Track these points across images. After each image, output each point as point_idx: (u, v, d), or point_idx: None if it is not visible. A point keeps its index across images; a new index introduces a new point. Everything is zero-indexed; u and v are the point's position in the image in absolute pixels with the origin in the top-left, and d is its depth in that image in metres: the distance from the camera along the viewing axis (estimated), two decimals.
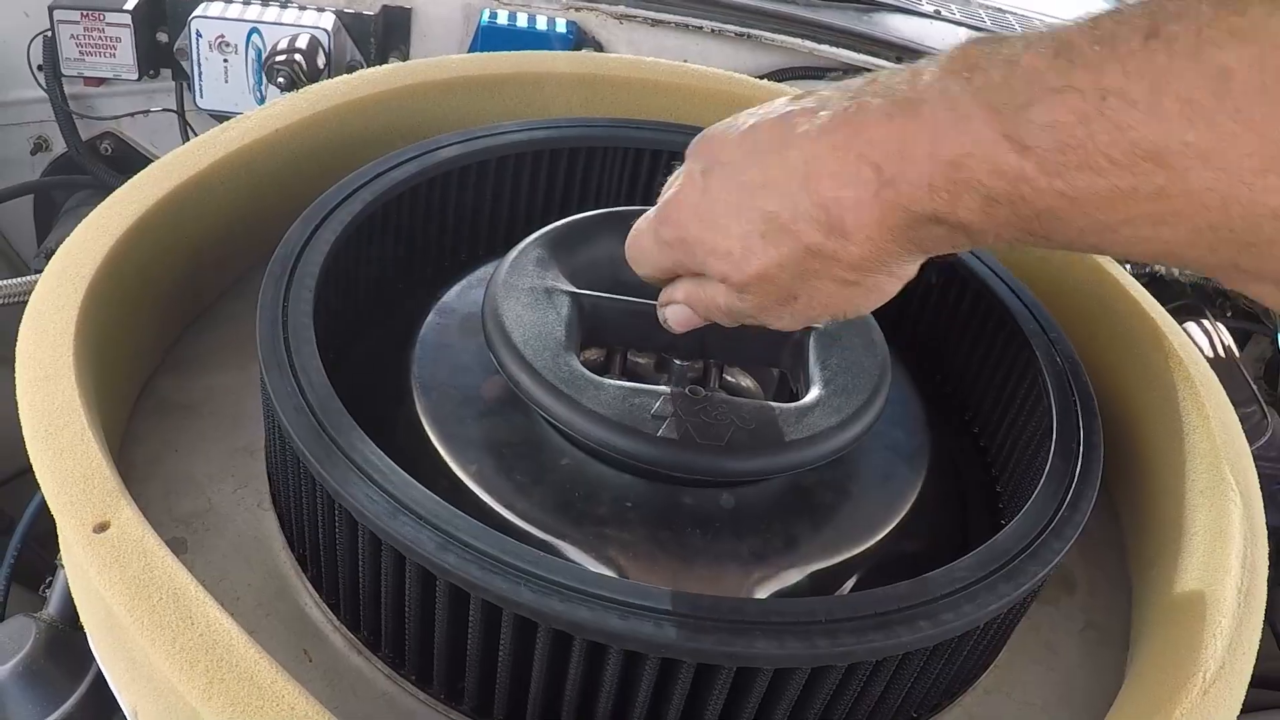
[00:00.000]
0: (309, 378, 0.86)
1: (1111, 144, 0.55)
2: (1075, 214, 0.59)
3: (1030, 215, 0.61)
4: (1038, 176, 0.59)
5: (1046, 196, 0.59)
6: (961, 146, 0.62)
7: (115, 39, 1.95)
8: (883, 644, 0.75)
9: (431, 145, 1.14)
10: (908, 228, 0.67)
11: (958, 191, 0.63)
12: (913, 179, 0.64)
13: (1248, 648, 0.89)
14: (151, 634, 0.73)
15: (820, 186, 0.69)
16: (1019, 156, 0.59)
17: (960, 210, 0.64)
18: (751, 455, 0.87)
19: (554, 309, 0.94)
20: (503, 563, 0.74)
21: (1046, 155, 0.58)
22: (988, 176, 0.61)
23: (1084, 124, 0.56)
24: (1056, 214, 0.60)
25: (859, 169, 0.67)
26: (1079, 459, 0.94)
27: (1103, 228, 0.59)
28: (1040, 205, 0.60)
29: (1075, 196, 0.58)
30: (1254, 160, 0.50)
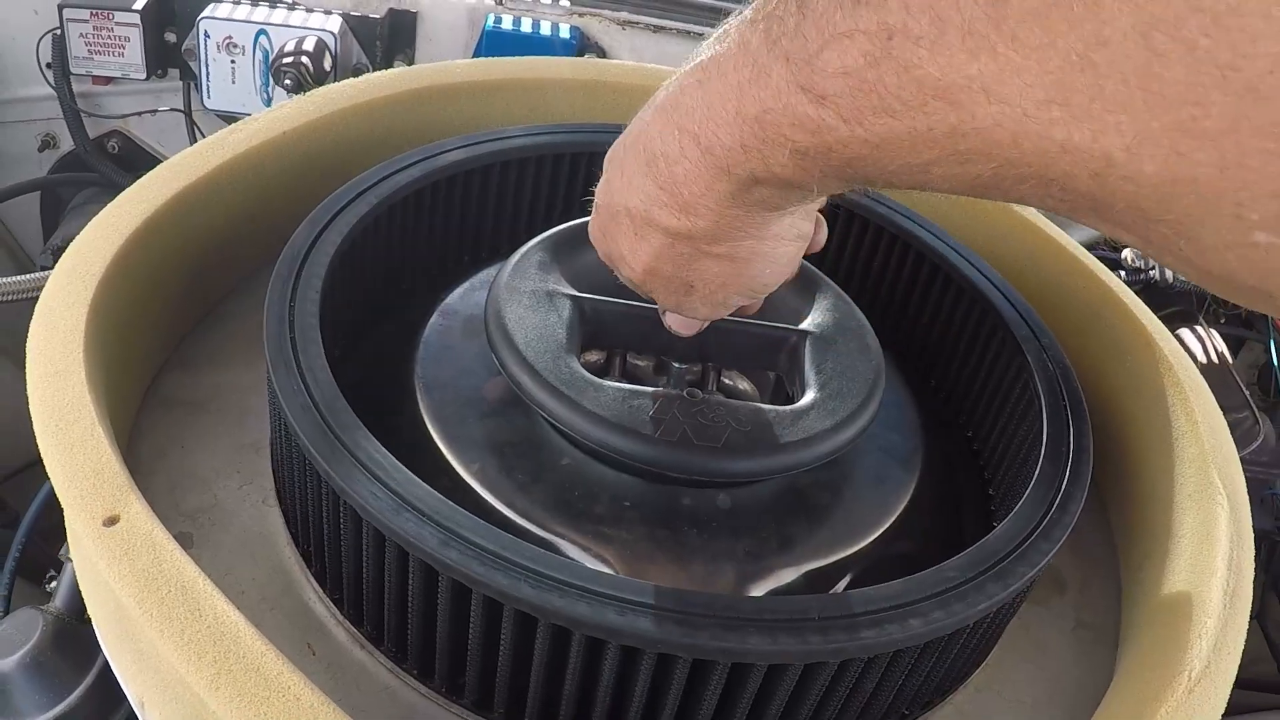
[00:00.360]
0: (315, 376, 0.87)
1: (901, 85, 0.53)
2: (883, 159, 0.57)
3: (841, 164, 0.60)
4: (839, 125, 0.57)
5: (851, 145, 0.57)
6: (762, 102, 0.61)
7: (124, 38, 1.96)
8: (874, 641, 0.76)
9: (436, 149, 1.16)
10: (738, 191, 0.67)
11: (767, 149, 0.62)
12: (725, 142, 0.64)
13: (1233, 648, 0.91)
14: (160, 626, 0.75)
15: (657, 168, 0.70)
16: (817, 107, 0.57)
17: (774, 167, 0.63)
18: (747, 457, 0.89)
19: (555, 312, 0.96)
20: (503, 559, 0.75)
21: (842, 103, 0.56)
22: (791, 130, 0.60)
23: (873, 67, 0.54)
24: (866, 161, 0.58)
25: (681, 142, 0.67)
26: (1068, 462, 0.96)
27: (914, 169, 0.57)
28: (848, 154, 0.58)
29: (878, 142, 0.56)
30: (1035, 91, 0.48)
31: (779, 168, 0.63)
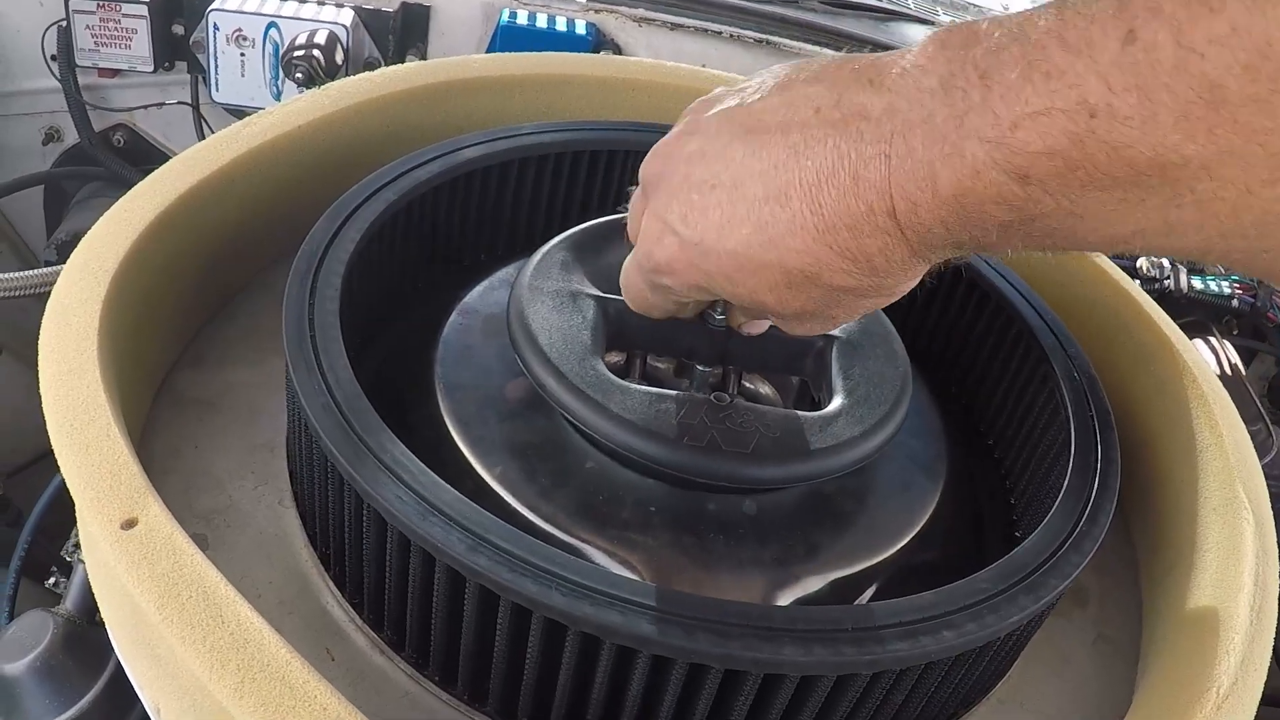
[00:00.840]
0: (336, 376, 0.86)
1: (1111, 164, 0.53)
2: (1087, 229, 0.58)
3: (1044, 232, 0.60)
4: (1044, 199, 0.57)
5: (1056, 217, 0.58)
6: (960, 183, 0.60)
7: (131, 30, 1.95)
8: (908, 653, 0.75)
9: (454, 145, 1.14)
10: (930, 250, 0.67)
11: (969, 222, 0.62)
12: (926, 221, 0.63)
13: (1259, 664, 0.90)
14: (182, 632, 0.73)
15: (838, 237, 0.67)
16: (1021, 186, 0.57)
17: (976, 233, 0.62)
18: (777, 463, 0.87)
19: (579, 312, 0.94)
20: (533, 565, 0.74)
21: (1048, 181, 0.56)
22: (994, 208, 0.59)
23: (1078, 146, 0.54)
24: (1070, 230, 0.59)
25: (872, 218, 0.65)
26: (1097, 474, 0.95)
27: (1116, 239, 0.58)
28: (1053, 223, 0.59)
29: (1083, 214, 0.57)
30: (1259, 170, 0.49)
31: (981, 233, 0.62)
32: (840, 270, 0.69)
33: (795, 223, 0.68)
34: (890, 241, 0.66)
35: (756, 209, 0.70)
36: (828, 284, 0.70)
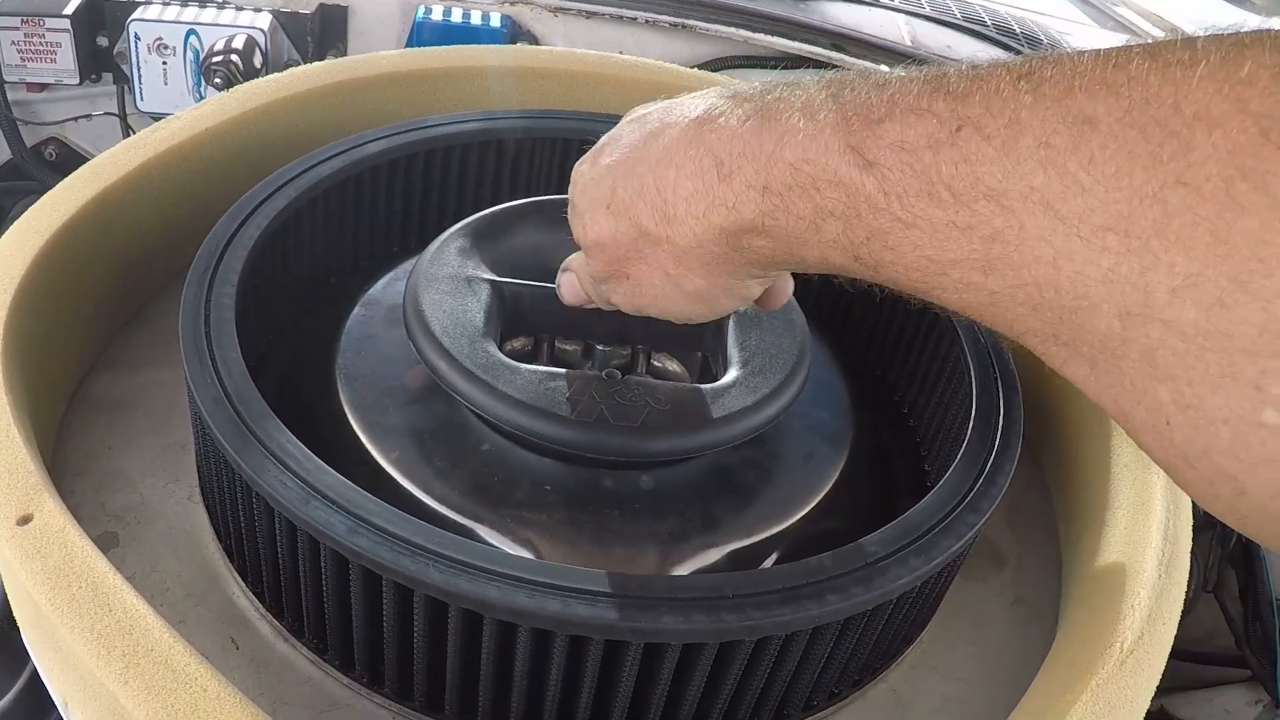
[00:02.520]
0: (228, 370, 0.87)
1: (956, 175, 0.52)
2: (906, 245, 0.56)
3: (861, 238, 0.58)
4: (876, 195, 0.56)
5: (882, 218, 0.57)
6: (805, 151, 0.60)
7: (55, 44, 1.95)
8: (790, 618, 0.76)
9: (358, 140, 1.15)
10: (733, 232, 0.66)
11: (791, 197, 0.61)
12: (749, 176, 0.64)
13: (1168, 619, 0.90)
14: (71, 622, 0.74)
15: (665, 174, 0.69)
16: (861, 172, 0.57)
17: (789, 218, 0.62)
18: (665, 436, 0.88)
19: (474, 296, 0.95)
20: (412, 545, 0.75)
21: (889, 175, 0.56)
22: (826, 186, 0.59)
23: (933, 149, 0.53)
24: (888, 241, 0.57)
25: (703, 161, 0.66)
26: (998, 434, 0.95)
27: (930, 265, 0.56)
28: (874, 226, 0.57)
29: (910, 224, 0.55)
30: (1097, 217, 0.47)
31: (794, 220, 0.62)
32: (651, 206, 0.71)
33: (645, 158, 0.72)
34: (701, 189, 0.68)
35: (630, 147, 0.74)
36: (636, 219, 0.73)
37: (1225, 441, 0.44)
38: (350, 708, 0.87)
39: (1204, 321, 0.43)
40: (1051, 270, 0.49)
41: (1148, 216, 0.45)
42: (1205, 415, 0.44)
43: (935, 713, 0.96)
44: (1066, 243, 0.48)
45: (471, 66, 1.36)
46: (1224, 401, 0.44)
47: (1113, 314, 0.47)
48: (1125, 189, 0.46)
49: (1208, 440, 0.45)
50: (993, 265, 0.52)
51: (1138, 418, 0.48)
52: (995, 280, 0.52)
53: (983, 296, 0.54)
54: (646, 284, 0.75)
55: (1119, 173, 0.46)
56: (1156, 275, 0.45)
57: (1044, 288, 0.50)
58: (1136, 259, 0.45)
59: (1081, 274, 0.48)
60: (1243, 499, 0.45)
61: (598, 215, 0.75)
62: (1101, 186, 0.46)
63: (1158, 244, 0.44)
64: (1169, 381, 0.46)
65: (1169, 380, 0.45)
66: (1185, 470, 0.47)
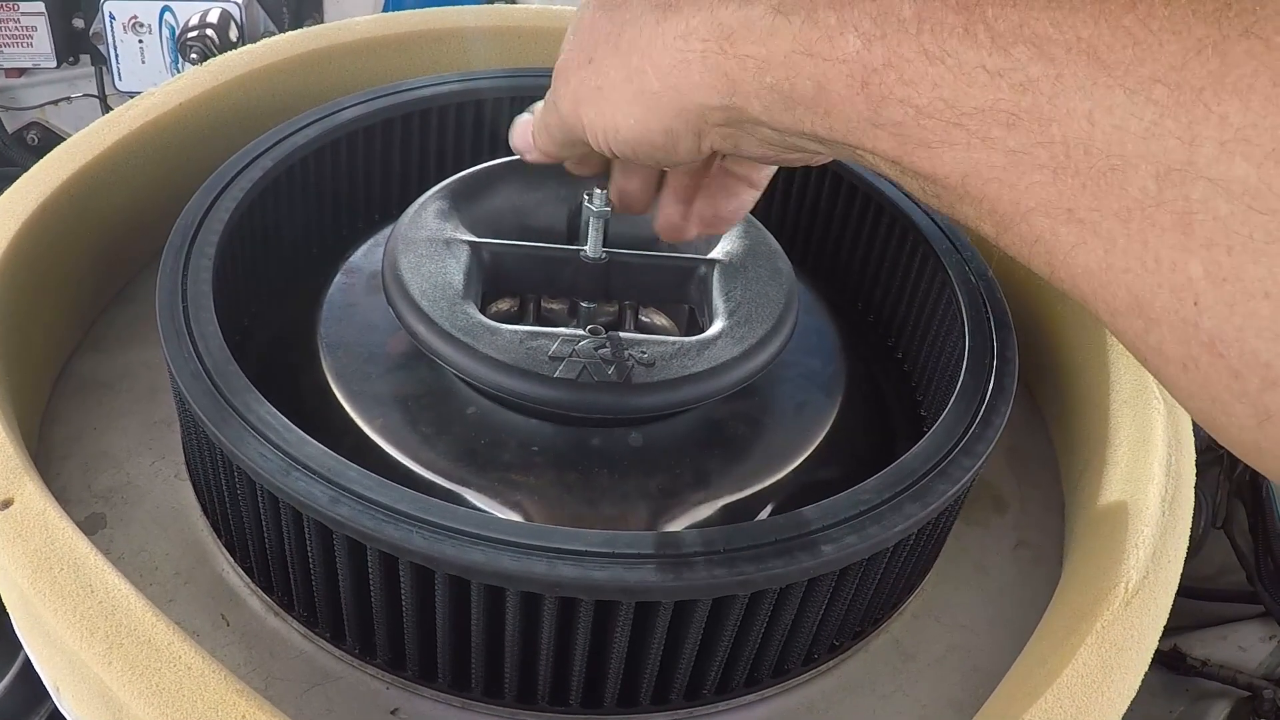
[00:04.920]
0: (206, 344, 0.86)
1: (1000, 17, 0.49)
2: (926, 82, 0.52)
3: (878, 62, 0.54)
4: (910, 19, 0.52)
5: (908, 46, 0.52)
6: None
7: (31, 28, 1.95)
8: (783, 570, 0.74)
9: (333, 107, 1.13)
10: (732, 26, 0.61)
11: (816, 5, 0.57)
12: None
13: (1173, 556, 0.89)
14: (53, 604, 0.74)
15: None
16: None
17: (806, 28, 0.57)
18: (651, 391, 0.86)
19: (453, 258, 0.94)
20: (395, 511, 0.74)
21: (928, 2, 0.52)
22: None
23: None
24: (905, 73, 0.53)
25: None
26: (991, 375, 0.94)
27: (946, 111, 0.51)
28: (897, 52, 0.53)
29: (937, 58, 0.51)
30: (1146, 67, 0.44)
31: (805, 29, 0.57)
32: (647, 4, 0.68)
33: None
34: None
35: None
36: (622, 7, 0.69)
37: (1265, 318, 0.41)
38: (343, 680, 0.86)
39: (1254, 177, 0.40)
40: (1086, 125, 0.45)
41: (1205, 67, 0.42)
42: (1244, 288, 0.41)
43: (939, 662, 0.95)
44: (1108, 94, 0.45)
45: (448, 28, 1.35)
46: (1267, 271, 0.40)
47: (1149, 174, 0.43)
48: (1183, 41, 0.42)
49: (1243, 318, 0.41)
50: (1019, 118, 0.48)
51: (1159, 303, 0.44)
52: (1018, 136, 0.49)
53: (998, 157, 0.50)
54: (604, 70, 0.70)
55: (1177, 27, 0.43)
56: (1206, 128, 0.41)
57: (1072, 146, 0.46)
58: (1185, 111, 0.42)
59: (1120, 128, 0.44)
60: (1273, 391, 0.41)
61: (584, 10, 0.72)
62: (1156, 39, 0.43)
63: (1211, 95, 0.41)
64: (1205, 251, 0.42)
65: (1205, 249, 0.42)
66: (1209, 363, 0.43)
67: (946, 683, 0.93)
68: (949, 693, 0.92)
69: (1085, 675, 0.79)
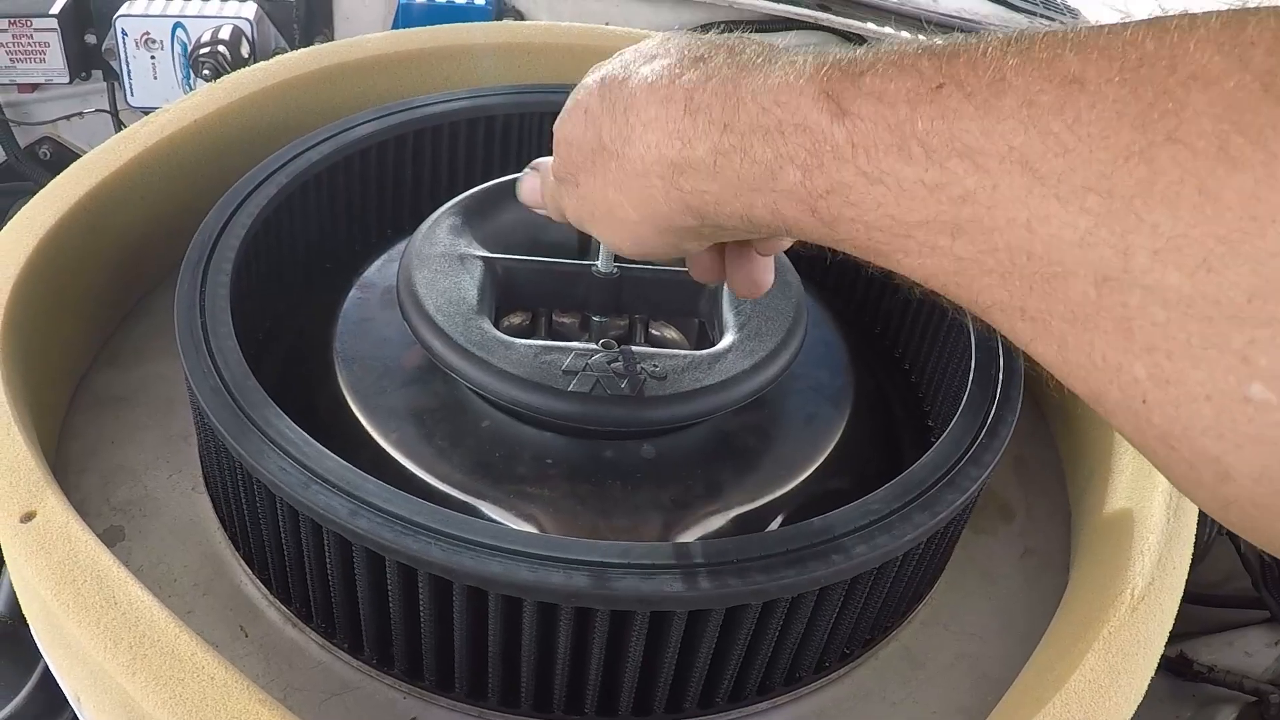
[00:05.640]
0: (225, 358, 0.87)
1: (931, 131, 0.50)
2: (869, 202, 0.53)
3: (821, 189, 0.55)
4: (844, 146, 0.53)
5: (846, 170, 0.53)
6: (777, 95, 0.57)
7: (44, 44, 1.95)
8: (795, 580, 0.76)
9: (347, 124, 1.15)
10: (680, 167, 0.64)
11: (752, 139, 0.58)
12: (714, 113, 0.61)
13: (1179, 562, 0.90)
14: (77, 616, 0.75)
15: (638, 98, 0.67)
16: (832, 120, 0.54)
17: (745, 162, 0.59)
18: (662, 403, 0.88)
19: (467, 274, 0.95)
20: (414, 524, 0.75)
21: (860, 125, 0.53)
22: (792, 131, 0.56)
23: (910, 104, 0.51)
24: (850, 195, 0.54)
25: (673, 93, 0.64)
26: (998, 385, 0.95)
27: (893, 226, 0.53)
28: (837, 178, 0.54)
29: (876, 179, 0.52)
30: (1078, 176, 0.44)
31: (747, 165, 0.59)
32: (613, 118, 0.69)
33: (636, 78, 0.69)
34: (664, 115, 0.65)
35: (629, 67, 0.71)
36: (599, 127, 0.70)
37: (1208, 419, 0.41)
38: (361, 690, 0.87)
39: (1188, 286, 0.41)
40: (1025, 233, 0.46)
41: (1133, 175, 0.42)
42: (1186, 391, 0.42)
43: (948, 669, 0.96)
44: (1043, 204, 0.45)
45: (458, 45, 1.36)
46: (1207, 375, 0.41)
47: (1088, 280, 0.44)
48: (1111, 148, 0.43)
49: (1188, 419, 0.42)
50: (961, 228, 0.49)
51: (1111, 398, 0.45)
52: (963, 245, 0.50)
53: (947, 263, 0.51)
54: (591, 199, 0.73)
55: (1105, 132, 0.43)
56: (1138, 237, 0.42)
57: (1015, 252, 0.47)
58: (1118, 220, 0.43)
59: (1057, 237, 0.45)
60: (1226, 484, 0.42)
61: (576, 114, 0.73)
62: (1085, 145, 0.44)
63: (1141, 204, 0.42)
64: (1146, 355, 0.43)
65: (1146, 354, 0.43)
66: (1164, 453, 0.44)
67: (956, 690, 0.94)
68: (958, 700, 0.93)
69: (1092, 681, 0.80)
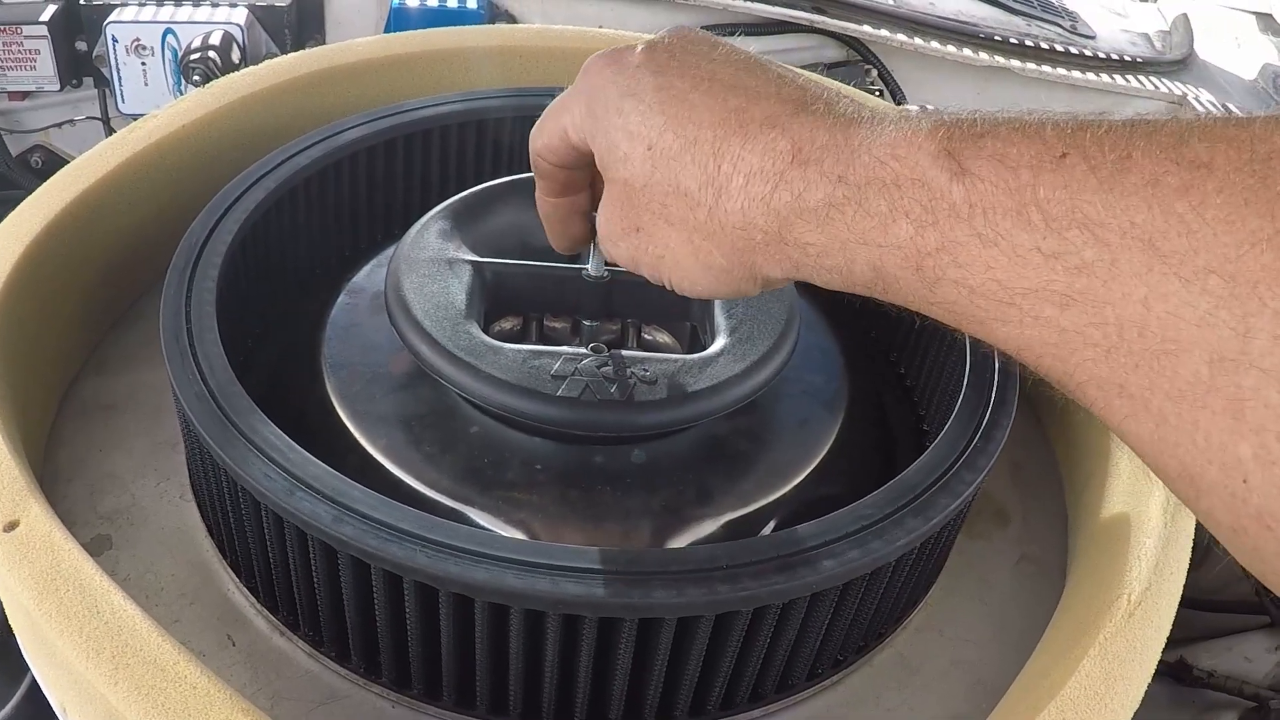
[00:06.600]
0: (210, 365, 0.86)
1: (1052, 200, 0.50)
2: (979, 264, 0.53)
3: (931, 247, 0.55)
4: (961, 205, 0.53)
5: (961, 229, 0.53)
6: (895, 148, 0.57)
7: (34, 51, 1.95)
8: (785, 586, 0.75)
9: (335, 128, 1.14)
10: (790, 217, 0.62)
11: (868, 191, 0.57)
12: (827, 166, 0.60)
13: (1176, 567, 0.89)
14: (60, 626, 0.75)
15: (729, 140, 0.64)
16: (951, 178, 0.54)
17: (859, 213, 0.58)
18: (652, 408, 0.87)
19: (455, 278, 0.94)
20: (399, 530, 0.74)
21: (979, 186, 0.53)
22: (909, 185, 0.56)
23: (1033, 170, 0.51)
24: (959, 256, 0.54)
25: (778, 143, 0.62)
26: (993, 389, 0.94)
27: (999, 291, 0.52)
28: (949, 236, 0.54)
29: (990, 241, 0.52)
30: (1201, 258, 0.44)
31: (860, 216, 0.58)
32: (698, 166, 0.67)
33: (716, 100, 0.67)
34: (767, 166, 0.64)
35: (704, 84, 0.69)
36: (675, 173, 0.67)
37: None
38: (349, 699, 0.87)
39: None
40: (1141, 309, 0.46)
41: (1259, 261, 0.43)
42: None
43: (943, 675, 0.95)
44: (1163, 281, 0.46)
45: (449, 49, 1.35)
46: None
47: (1202, 360, 0.44)
48: (1236, 233, 0.44)
49: None
50: (1072, 299, 0.49)
51: (1208, 478, 0.45)
52: (1071, 316, 0.49)
53: (1050, 334, 0.51)
54: (660, 244, 0.70)
55: (1231, 217, 0.44)
56: (1261, 320, 0.43)
57: (1126, 328, 0.47)
58: (1240, 304, 0.43)
59: (1175, 315, 0.45)
60: None
61: (635, 151, 0.69)
62: (1210, 229, 0.44)
63: (1266, 289, 0.42)
64: (1255, 435, 0.43)
65: (1255, 434, 0.43)
66: (1258, 533, 0.44)
67: (950, 696, 0.93)
68: (953, 706, 0.92)
69: (1088, 687, 0.79)
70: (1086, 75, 2.24)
